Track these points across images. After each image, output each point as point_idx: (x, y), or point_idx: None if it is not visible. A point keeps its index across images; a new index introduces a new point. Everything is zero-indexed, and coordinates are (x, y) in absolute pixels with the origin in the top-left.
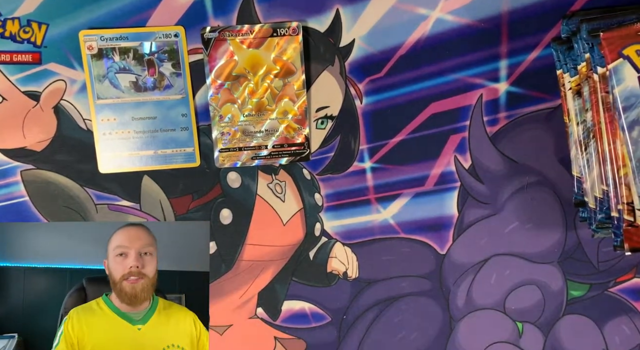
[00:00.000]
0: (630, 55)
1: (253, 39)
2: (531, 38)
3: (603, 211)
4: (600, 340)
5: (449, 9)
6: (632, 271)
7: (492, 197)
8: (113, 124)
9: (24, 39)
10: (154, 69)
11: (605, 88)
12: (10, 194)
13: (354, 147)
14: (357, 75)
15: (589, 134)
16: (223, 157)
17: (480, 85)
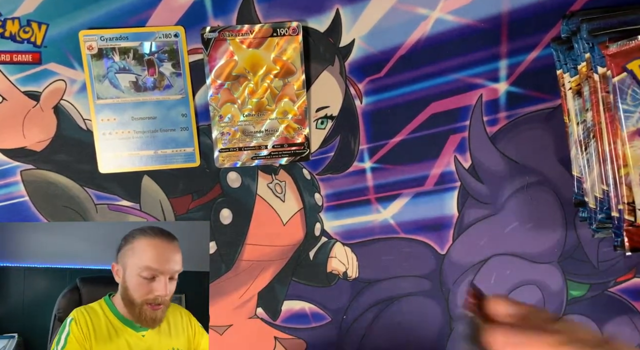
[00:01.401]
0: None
1: (253, 39)
2: (531, 38)
3: (603, 211)
4: None
5: (449, 9)
6: (632, 271)
7: (492, 197)
8: (113, 124)
9: (24, 39)
10: (154, 69)
11: (605, 88)
12: (10, 194)
13: (354, 147)
14: (357, 75)
15: (589, 133)
16: (223, 157)
17: (480, 85)
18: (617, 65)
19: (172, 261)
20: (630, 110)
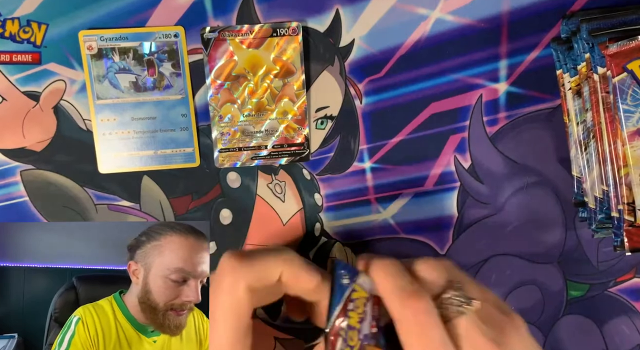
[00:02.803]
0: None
1: (253, 39)
2: (531, 38)
3: (603, 211)
4: (600, 341)
5: (449, 9)
6: (632, 271)
7: (492, 197)
8: (113, 124)
9: (23, 39)
10: (154, 69)
11: (605, 88)
12: (10, 194)
13: (354, 147)
14: (357, 75)
15: (589, 134)
16: (223, 157)
17: (480, 85)
18: (617, 66)
19: (205, 263)
20: (631, 111)
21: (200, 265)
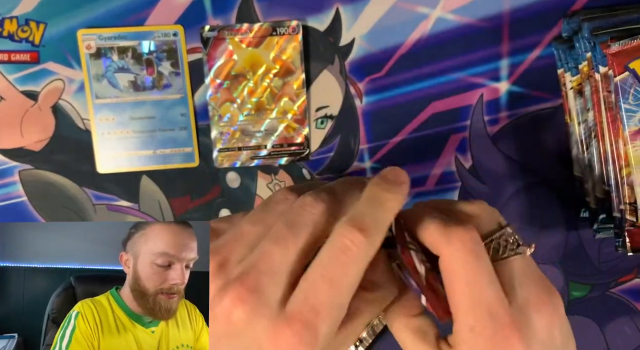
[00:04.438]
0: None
1: (252, 38)
2: (532, 37)
3: (604, 211)
4: (601, 341)
5: (449, 8)
6: (634, 271)
7: (493, 197)
8: (112, 124)
9: (22, 38)
10: (153, 69)
11: (607, 87)
12: (8, 194)
13: (354, 147)
14: (357, 74)
15: (591, 133)
16: (222, 157)
17: (481, 84)
18: (619, 65)
19: (189, 247)
20: (632, 110)
21: (185, 249)
